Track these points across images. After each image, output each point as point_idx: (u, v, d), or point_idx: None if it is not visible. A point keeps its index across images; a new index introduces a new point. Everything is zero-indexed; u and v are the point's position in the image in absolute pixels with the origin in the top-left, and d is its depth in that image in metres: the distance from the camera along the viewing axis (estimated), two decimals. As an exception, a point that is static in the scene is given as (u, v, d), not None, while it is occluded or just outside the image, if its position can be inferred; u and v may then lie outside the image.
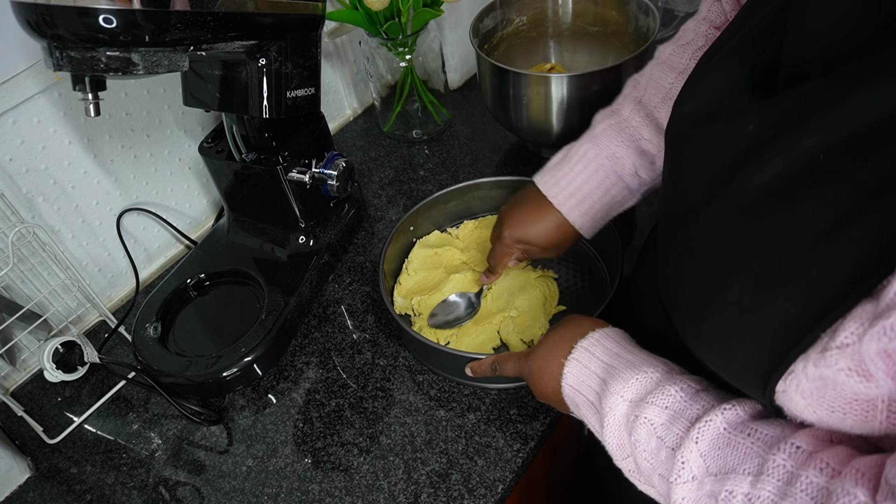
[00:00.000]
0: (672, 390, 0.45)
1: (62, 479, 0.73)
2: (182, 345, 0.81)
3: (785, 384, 0.36)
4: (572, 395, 0.52)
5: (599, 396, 0.49)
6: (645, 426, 0.44)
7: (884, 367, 0.31)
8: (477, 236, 0.88)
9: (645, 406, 0.45)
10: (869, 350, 0.31)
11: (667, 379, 0.46)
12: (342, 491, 0.67)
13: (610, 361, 0.50)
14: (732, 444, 0.40)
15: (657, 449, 0.44)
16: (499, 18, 1.00)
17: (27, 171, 0.77)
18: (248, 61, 0.69)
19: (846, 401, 0.34)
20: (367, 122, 1.16)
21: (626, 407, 0.47)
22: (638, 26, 0.96)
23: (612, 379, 0.48)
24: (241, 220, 0.90)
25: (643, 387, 0.46)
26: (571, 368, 0.52)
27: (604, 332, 0.53)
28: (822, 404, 0.36)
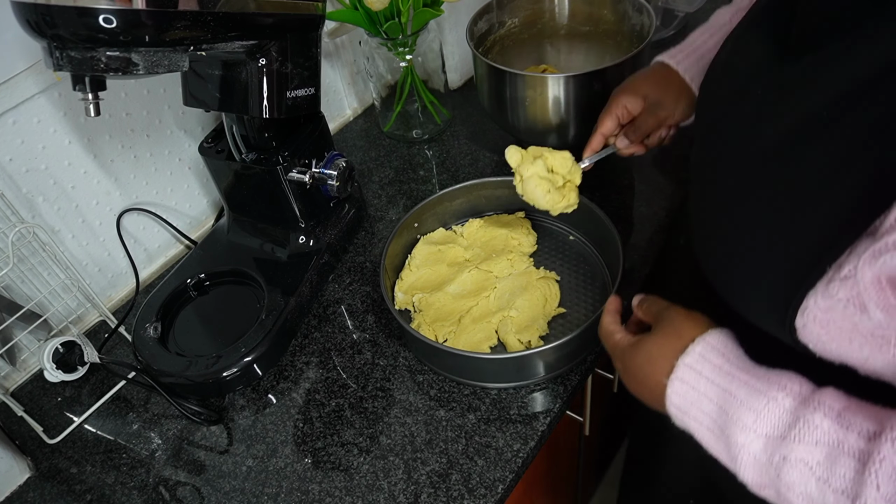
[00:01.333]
0: (816, 420, 0.40)
1: (62, 479, 0.73)
2: (182, 345, 0.81)
3: (803, 319, 0.39)
4: (680, 416, 0.48)
5: (721, 427, 0.45)
6: (798, 468, 0.40)
7: (875, 296, 0.35)
8: (481, 234, 0.88)
9: (792, 444, 0.40)
10: (864, 278, 0.35)
11: (802, 405, 0.41)
12: (342, 491, 0.67)
13: (725, 384, 0.45)
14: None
15: (820, 492, 0.40)
16: (494, 20, 1.00)
17: (27, 171, 0.77)
18: (248, 61, 0.69)
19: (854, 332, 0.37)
20: (367, 122, 1.16)
21: (764, 443, 0.42)
22: (632, 25, 0.96)
23: (735, 408, 0.44)
24: (241, 220, 0.90)
25: (779, 419, 0.42)
26: (677, 390, 0.48)
27: (707, 343, 0.48)
28: (836, 336, 0.38)
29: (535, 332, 0.75)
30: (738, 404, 0.44)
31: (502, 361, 0.69)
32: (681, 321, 0.52)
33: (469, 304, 0.79)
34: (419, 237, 0.88)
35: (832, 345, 0.39)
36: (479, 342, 0.75)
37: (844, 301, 0.36)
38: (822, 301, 0.38)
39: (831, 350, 0.40)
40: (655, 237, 0.85)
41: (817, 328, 0.39)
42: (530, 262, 0.83)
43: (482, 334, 0.76)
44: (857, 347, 0.38)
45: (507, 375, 0.71)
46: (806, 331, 0.40)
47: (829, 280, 0.37)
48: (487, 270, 0.83)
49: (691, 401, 0.47)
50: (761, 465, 0.42)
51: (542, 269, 0.83)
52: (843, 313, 0.37)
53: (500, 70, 0.87)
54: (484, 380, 0.72)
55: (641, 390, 0.53)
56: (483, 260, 0.84)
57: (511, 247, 0.85)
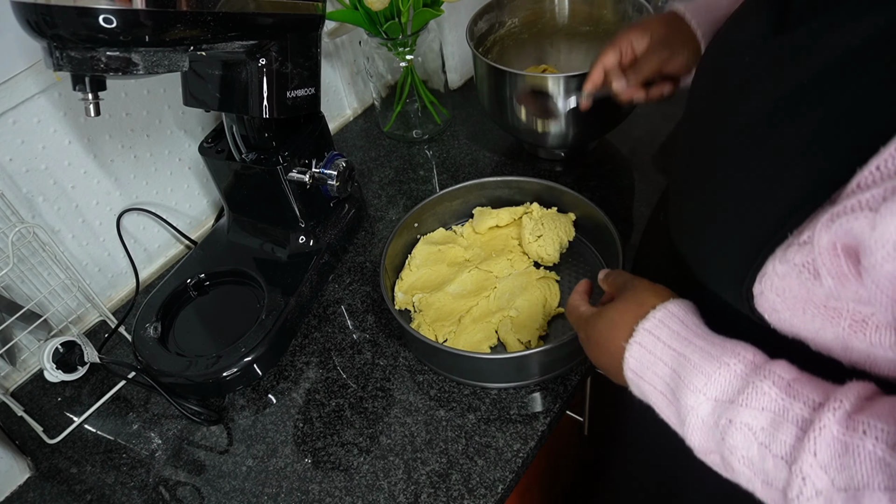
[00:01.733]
0: (765, 387, 0.41)
1: (62, 479, 0.73)
2: (182, 345, 0.81)
3: (760, 286, 0.40)
4: (636, 380, 0.49)
5: (673, 389, 0.46)
6: (742, 432, 0.41)
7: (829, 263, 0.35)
8: (481, 234, 0.88)
9: (738, 409, 0.41)
10: (820, 242, 0.35)
11: (753, 372, 0.42)
12: (342, 491, 0.67)
13: (680, 349, 0.46)
14: (851, 450, 0.37)
15: (760, 457, 0.40)
16: (494, 20, 1.00)
17: (27, 171, 0.77)
18: (248, 61, 0.69)
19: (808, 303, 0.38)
20: (367, 122, 1.16)
21: (712, 406, 0.43)
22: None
23: (688, 371, 0.45)
24: (241, 220, 0.90)
25: (729, 383, 0.43)
26: (634, 353, 0.49)
27: (667, 310, 0.49)
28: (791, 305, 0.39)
29: (535, 332, 0.75)
30: (692, 368, 0.44)
31: (502, 361, 0.69)
32: (643, 290, 0.53)
33: (469, 304, 0.79)
34: (419, 237, 0.88)
35: (786, 314, 0.40)
36: (479, 342, 0.75)
37: (800, 267, 0.36)
38: (779, 266, 0.38)
39: (785, 320, 0.40)
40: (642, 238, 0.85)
41: (773, 296, 0.39)
42: (530, 262, 0.83)
43: (482, 334, 0.76)
44: (810, 318, 0.38)
45: (507, 375, 0.71)
46: (763, 298, 0.40)
47: (787, 245, 0.38)
48: (487, 270, 0.83)
49: (647, 364, 0.48)
50: (708, 428, 0.43)
51: (542, 269, 0.83)
52: (798, 280, 0.37)
53: (499, 70, 0.87)
54: (484, 380, 0.72)
55: (602, 357, 0.53)
56: (483, 260, 0.84)
57: (511, 247, 0.85)
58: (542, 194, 0.87)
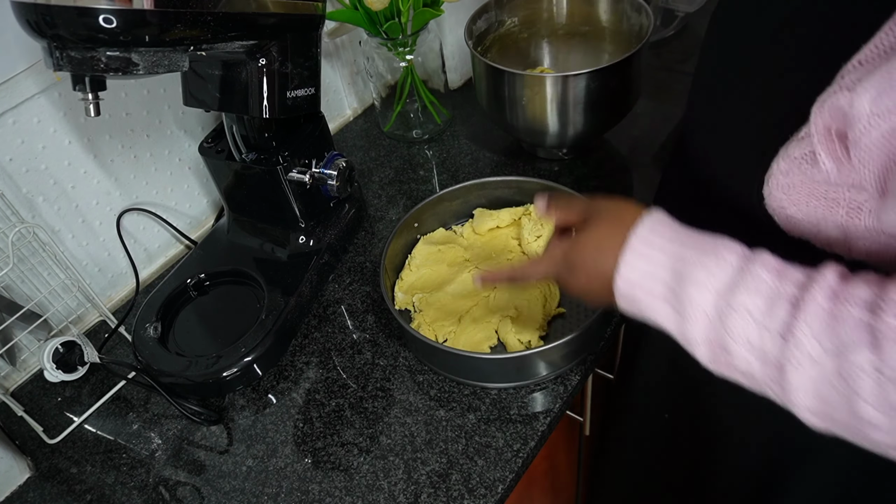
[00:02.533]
0: (757, 271, 0.44)
1: (62, 479, 0.73)
2: (182, 345, 0.81)
3: (769, 187, 0.44)
4: (631, 291, 0.49)
5: (673, 289, 0.47)
6: (741, 314, 0.43)
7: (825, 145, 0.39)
8: (481, 235, 0.88)
9: (737, 294, 0.44)
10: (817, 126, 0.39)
11: (746, 261, 0.45)
12: (342, 491, 0.67)
13: (676, 249, 0.48)
14: (837, 317, 0.40)
15: (759, 335, 0.43)
16: (493, 19, 1.00)
17: (27, 171, 0.77)
18: (248, 61, 0.69)
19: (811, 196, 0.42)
20: (367, 122, 1.16)
21: (714, 297, 0.45)
22: (631, 25, 0.96)
23: (688, 268, 0.46)
24: (241, 220, 0.90)
25: (726, 273, 0.45)
26: (629, 261, 0.49)
27: (655, 218, 0.50)
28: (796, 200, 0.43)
29: (535, 332, 0.75)
30: (692, 265, 0.46)
31: (502, 361, 0.69)
32: (614, 207, 0.54)
33: (469, 304, 0.79)
34: (419, 237, 0.88)
35: (792, 209, 0.44)
36: (479, 342, 0.75)
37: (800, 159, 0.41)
38: (782, 164, 0.42)
39: (792, 216, 0.44)
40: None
41: (780, 194, 0.43)
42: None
43: (482, 334, 0.76)
44: (813, 210, 0.43)
45: (507, 375, 0.71)
46: (771, 198, 0.44)
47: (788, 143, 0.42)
48: (488, 270, 0.83)
49: (645, 271, 0.49)
50: (710, 320, 0.45)
51: None
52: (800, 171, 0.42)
53: (498, 69, 0.87)
54: (484, 380, 0.72)
55: (591, 281, 0.53)
56: (483, 260, 0.84)
57: (511, 247, 0.85)
58: (542, 194, 0.87)
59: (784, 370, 0.42)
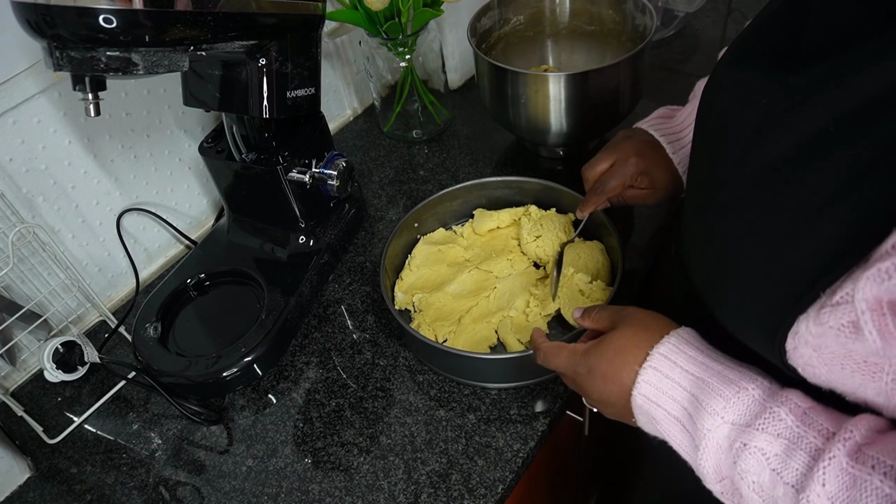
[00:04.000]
0: (781, 413, 0.41)
1: (62, 479, 0.73)
2: (182, 345, 0.81)
3: (794, 342, 0.38)
4: (647, 406, 0.48)
5: (690, 414, 0.45)
6: (755, 457, 0.41)
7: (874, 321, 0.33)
8: (481, 235, 0.88)
9: (754, 433, 0.41)
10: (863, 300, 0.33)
11: (771, 398, 0.43)
12: (342, 491, 0.67)
13: (698, 373, 0.46)
14: (859, 483, 0.37)
15: (772, 483, 0.41)
16: (496, 18, 1.00)
17: (27, 171, 0.77)
18: (248, 61, 0.69)
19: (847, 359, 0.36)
20: (367, 122, 1.16)
21: (729, 430, 0.43)
22: (635, 25, 0.96)
23: (707, 395, 0.44)
24: (241, 220, 0.90)
25: (746, 407, 0.43)
26: (648, 377, 0.48)
27: (680, 336, 0.49)
28: (828, 361, 0.37)
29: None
30: (710, 392, 0.44)
31: (502, 361, 0.69)
32: (644, 316, 0.52)
33: (469, 304, 0.79)
34: (419, 237, 0.88)
35: (823, 369, 0.38)
36: (479, 342, 0.75)
37: (836, 329, 0.35)
38: (813, 327, 0.36)
39: (821, 375, 0.39)
40: (655, 237, 0.86)
41: (808, 351, 0.38)
42: (530, 262, 0.83)
43: (482, 334, 0.76)
44: (849, 374, 0.37)
45: (506, 375, 0.71)
46: (796, 353, 0.39)
47: (821, 306, 0.36)
48: (487, 270, 0.83)
49: (663, 389, 0.47)
50: (722, 452, 0.43)
51: (542, 270, 0.83)
52: (836, 340, 0.36)
53: (501, 68, 0.87)
54: (484, 380, 0.72)
55: (608, 387, 0.51)
56: (483, 260, 0.84)
57: (511, 247, 0.85)
58: (542, 194, 0.87)
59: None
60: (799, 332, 0.38)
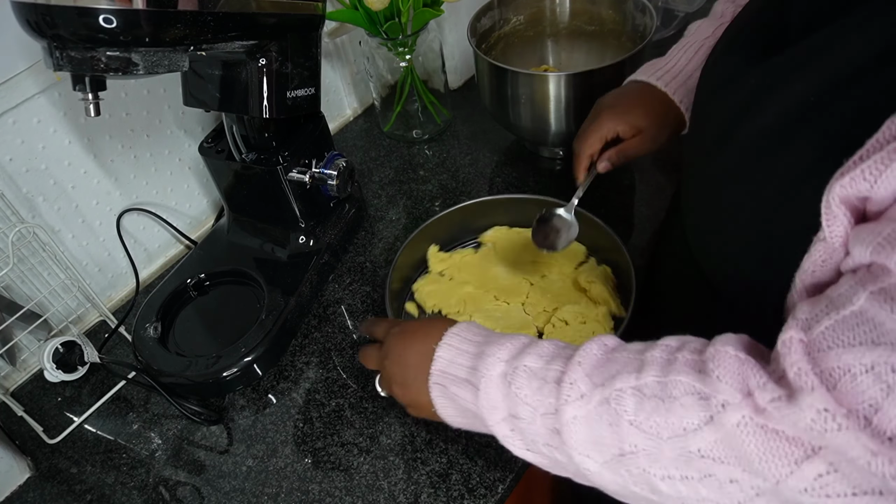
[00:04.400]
0: (545, 344, 0.49)
1: (62, 479, 0.73)
2: (182, 345, 0.81)
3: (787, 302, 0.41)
4: (441, 379, 0.53)
5: (473, 368, 0.51)
6: (524, 372, 0.47)
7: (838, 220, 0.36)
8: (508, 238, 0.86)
9: (522, 357, 0.48)
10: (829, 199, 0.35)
11: (539, 340, 0.50)
12: (342, 491, 0.67)
13: (482, 339, 0.52)
14: (612, 359, 0.45)
15: (539, 388, 0.46)
16: (496, 17, 1.00)
17: (27, 171, 0.77)
18: (248, 61, 0.69)
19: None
20: (367, 122, 1.16)
21: (504, 366, 0.49)
22: (635, 25, 0.96)
23: (487, 347, 0.51)
24: (241, 220, 0.90)
25: (517, 347, 0.50)
26: (443, 353, 0.53)
27: (469, 324, 0.55)
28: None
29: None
30: (490, 344, 0.51)
31: None
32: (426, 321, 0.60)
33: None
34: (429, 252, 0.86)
35: None
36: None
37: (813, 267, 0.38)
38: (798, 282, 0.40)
39: None
40: (656, 238, 0.85)
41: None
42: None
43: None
44: None
45: None
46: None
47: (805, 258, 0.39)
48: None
49: (453, 356, 0.52)
50: (497, 385, 0.49)
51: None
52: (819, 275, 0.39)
53: (501, 68, 0.87)
54: None
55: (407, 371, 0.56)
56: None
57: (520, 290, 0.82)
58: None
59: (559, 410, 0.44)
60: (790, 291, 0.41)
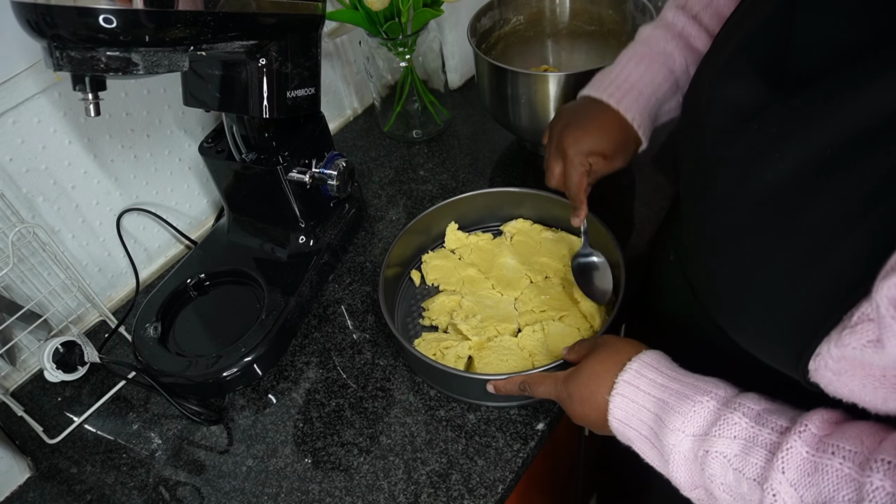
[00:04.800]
0: (735, 418, 0.44)
1: (62, 479, 0.73)
2: (182, 345, 0.81)
3: (815, 364, 0.39)
4: (622, 429, 0.52)
5: (656, 433, 0.48)
6: (718, 460, 0.44)
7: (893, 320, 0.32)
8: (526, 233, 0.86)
9: (712, 440, 0.44)
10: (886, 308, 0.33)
11: (725, 406, 0.46)
12: (342, 491, 0.67)
13: (659, 395, 0.49)
14: (820, 468, 0.39)
15: (736, 482, 0.43)
16: (496, 17, 1.00)
17: (27, 171, 0.77)
18: (248, 61, 0.69)
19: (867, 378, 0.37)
20: (367, 122, 1.16)
21: (691, 442, 0.46)
22: (635, 25, 0.96)
23: (667, 414, 0.47)
24: (241, 220, 0.90)
25: (703, 419, 0.46)
26: (618, 404, 0.51)
27: (643, 361, 0.52)
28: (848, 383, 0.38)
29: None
30: (670, 410, 0.48)
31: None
32: (615, 341, 0.56)
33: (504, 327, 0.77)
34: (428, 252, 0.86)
35: (844, 390, 0.39)
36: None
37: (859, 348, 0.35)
38: (835, 350, 0.37)
39: (843, 394, 0.39)
40: (653, 240, 0.85)
41: (829, 374, 0.39)
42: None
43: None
44: (871, 391, 0.38)
45: (497, 396, 0.68)
46: (818, 374, 0.40)
47: (842, 328, 0.36)
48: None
49: (631, 412, 0.51)
50: (689, 463, 0.46)
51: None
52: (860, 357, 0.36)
53: (501, 68, 0.87)
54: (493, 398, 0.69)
55: (587, 411, 0.55)
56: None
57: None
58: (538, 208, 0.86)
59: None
60: (820, 355, 0.38)
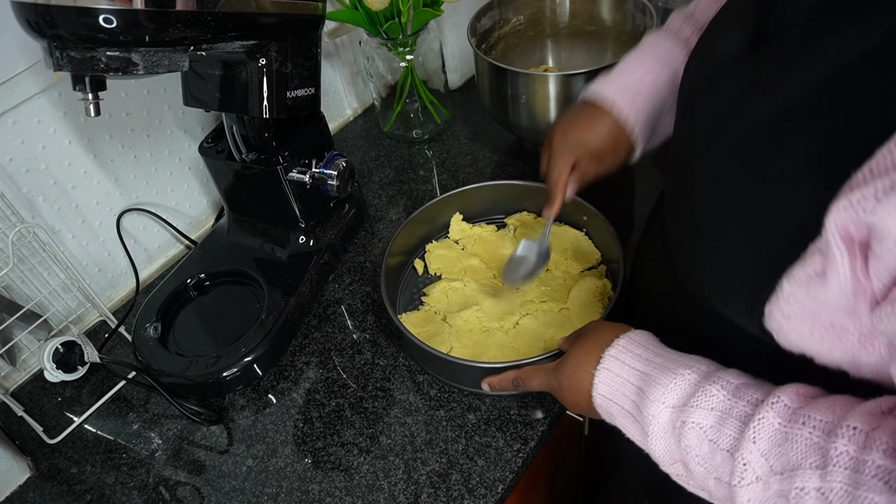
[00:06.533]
0: (713, 390, 0.45)
1: (62, 479, 0.73)
2: (182, 345, 0.81)
3: (770, 306, 0.40)
4: (605, 405, 0.52)
5: (637, 405, 0.49)
6: (694, 431, 0.44)
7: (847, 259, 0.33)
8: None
9: (690, 410, 0.45)
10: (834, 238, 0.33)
11: (705, 379, 0.46)
12: (342, 491, 0.67)
13: (642, 368, 0.50)
14: (790, 437, 0.40)
15: (710, 452, 0.44)
16: (496, 18, 1.00)
17: (27, 171, 0.77)
18: (248, 61, 0.69)
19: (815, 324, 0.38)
20: (367, 122, 1.16)
21: (670, 413, 0.46)
22: (635, 25, 0.96)
23: (649, 386, 0.48)
24: (241, 220, 0.90)
25: (683, 390, 0.46)
26: (602, 378, 0.52)
27: (629, 337, 0.53)
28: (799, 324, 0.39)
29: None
30: (652, 382, 0.48)
31: (499, 370, 0.67)
32: (601, 326, 0.57)
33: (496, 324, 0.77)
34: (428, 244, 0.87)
35: (793, 335, 0.40)
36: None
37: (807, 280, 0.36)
38: (787, 285, 0.38)
39: (792, 341, 0.41)
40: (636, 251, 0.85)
41: (780, 318, 0.40)
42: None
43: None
44: (818, 339, 0.39)
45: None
46: (772, 319, 0.40)
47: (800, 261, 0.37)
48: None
49: (615, 387, 0.51)
50: (667, 434, 0.47)
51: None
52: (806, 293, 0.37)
53: (500, 68, 0.87)
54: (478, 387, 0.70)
55: (574, 395, 0.55)
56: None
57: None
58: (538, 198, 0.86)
59: (732, 488, 0.42)
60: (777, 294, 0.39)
